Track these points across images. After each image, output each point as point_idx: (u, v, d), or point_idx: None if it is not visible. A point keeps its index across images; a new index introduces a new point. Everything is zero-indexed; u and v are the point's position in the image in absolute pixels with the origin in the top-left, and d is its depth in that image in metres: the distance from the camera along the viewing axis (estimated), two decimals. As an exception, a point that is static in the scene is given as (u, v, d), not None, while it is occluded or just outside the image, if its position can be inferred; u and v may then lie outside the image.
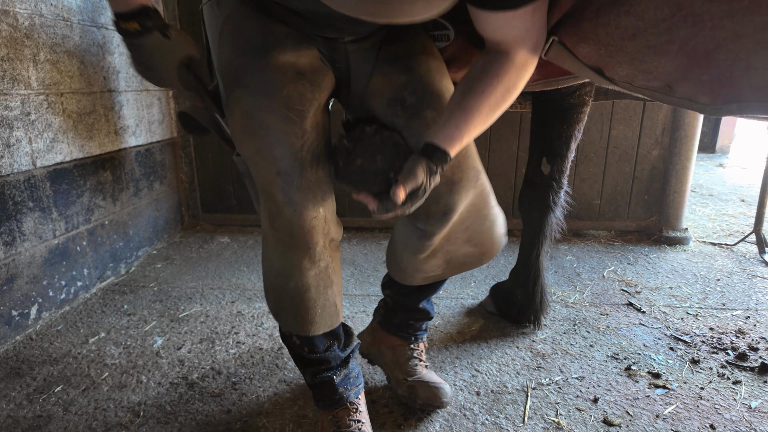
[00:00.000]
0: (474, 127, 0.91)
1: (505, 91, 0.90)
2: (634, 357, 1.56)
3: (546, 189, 1.58)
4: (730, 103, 0.68)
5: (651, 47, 0.72)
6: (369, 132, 0.94)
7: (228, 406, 1.35)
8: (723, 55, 0.64)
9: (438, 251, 1.11)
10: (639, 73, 0.79)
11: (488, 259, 1.17)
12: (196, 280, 2.18)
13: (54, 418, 1.31)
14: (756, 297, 1.98)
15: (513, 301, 1.73)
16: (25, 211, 1.71)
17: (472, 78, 0.91)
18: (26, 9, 1.69)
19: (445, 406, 1.28)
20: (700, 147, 4.91)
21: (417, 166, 0.88)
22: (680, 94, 0.75)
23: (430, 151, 0.89)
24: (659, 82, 0.77)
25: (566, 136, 1.53)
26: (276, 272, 1.03)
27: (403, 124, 1.00)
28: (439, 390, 1.27)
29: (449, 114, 0.91)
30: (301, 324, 1.06)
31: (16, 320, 1.69)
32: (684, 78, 0.72)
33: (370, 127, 0.95)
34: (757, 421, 1.27)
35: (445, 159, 0.90)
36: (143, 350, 1.63)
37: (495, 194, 1.13)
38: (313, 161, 0.95)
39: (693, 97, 0.73)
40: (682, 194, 2.60)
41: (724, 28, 0.62)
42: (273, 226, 0.96)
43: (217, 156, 2.83)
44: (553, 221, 1.62)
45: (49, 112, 1.81)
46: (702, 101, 0.72)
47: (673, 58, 0.70)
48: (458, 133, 0.90)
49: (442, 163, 0.90)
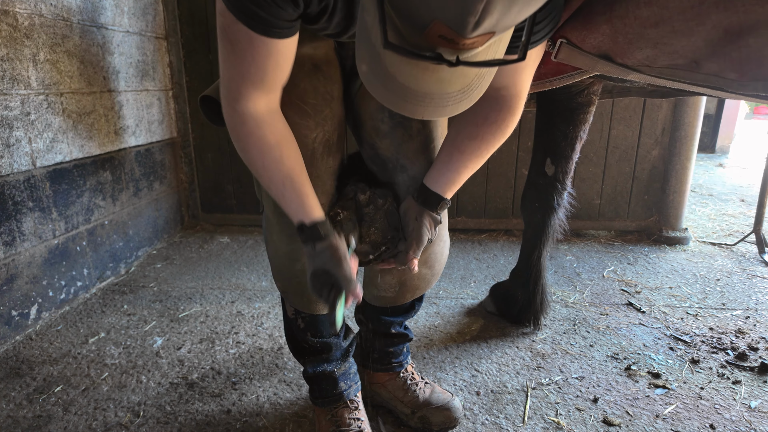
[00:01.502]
0: (470, 170, 0.98)
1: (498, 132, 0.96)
2: (634, 357, 1.56)
3: (549, 190, 1.56)
4: (756, 81, 0.71)
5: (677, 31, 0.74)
6: (363, 201, 1.00)
7: (228, 406, 1.35)
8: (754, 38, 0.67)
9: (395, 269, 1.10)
10: (663, 54, 0.80)
11: (435, 280, 1.18)
12: (196, 280, 2.18)
13: (54, 418, 1.31)
14: (756, 297, 1.98)
15: (513, 301, 1.73)
16: (24, 211, 1.71)
17: (466, 121, 0.95)
18: (26, 9, 1.69)
19: (459, 422, 1.25)
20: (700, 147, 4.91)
21: (422, 227, 0.97)
22: (707, 70, 0.77)
23: (434, 201, 0.97)
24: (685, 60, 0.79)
25: (572, 137, 1.51)
26: (282, 256, 1.04)
27: (387, 131, 1.03)
28: (450, 410, 1.24)
29: (446, 158, 0.97)
30: (307, 303, 1.08)
31: (16, 320, 1.69)
32: (713, 54, 0.74)
33: (364, 194, 1.00)
34: (757, 421, 1.27)
35: (446, 205, 0.99)
36: (143, 350, 1.62)
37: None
38: (324, 152, 0.97)
39: (720, 73, 0.75)
40: (682, 194, 2.60)
41: (756, 12, 0.64)
42: (278, 211, 0.98)
43: (217, 156, 2.83)
44: (556, 222, 1.61)
45: (49, 112, 1.81)
46: (729, 77, 0.74)
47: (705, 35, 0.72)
48: (457, 177, 0.98)
49: (443, 209, 0.99)
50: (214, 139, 2.79)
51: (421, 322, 1.79)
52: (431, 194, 0.98)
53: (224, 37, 0.78)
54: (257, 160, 0.87)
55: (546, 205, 1.58)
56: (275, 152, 0.86)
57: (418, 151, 1.04)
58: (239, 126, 0.85)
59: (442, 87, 0.61)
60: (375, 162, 1.08)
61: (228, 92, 0.83)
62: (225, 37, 0.78)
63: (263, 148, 0.86)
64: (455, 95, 0.63)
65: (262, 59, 0.79)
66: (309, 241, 0.90)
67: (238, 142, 0.87)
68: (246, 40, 0.76)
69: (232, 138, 0.87)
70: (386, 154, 1.05)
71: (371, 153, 1.07)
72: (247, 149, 0.87)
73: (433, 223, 0.98)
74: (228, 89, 0.82)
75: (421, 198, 0.99)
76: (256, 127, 0.85)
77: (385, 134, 1.03)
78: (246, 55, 0.78)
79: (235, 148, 0.89)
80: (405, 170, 1.05)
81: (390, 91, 0.64)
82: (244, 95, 0.81)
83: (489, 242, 2.65)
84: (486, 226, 2.80)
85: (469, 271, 2.27)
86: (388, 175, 1.07)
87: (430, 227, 0.98)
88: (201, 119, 2.73)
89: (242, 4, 0.72)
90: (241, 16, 0.73)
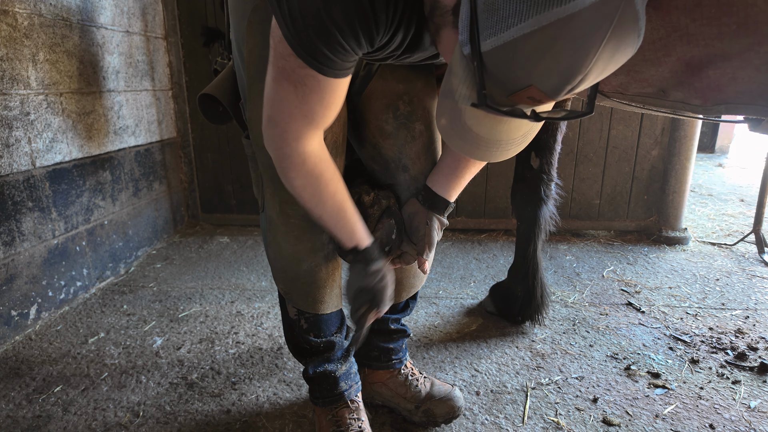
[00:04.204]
0: (472, 173, 1.04)
1: None
2: (634, 357, 1.56)
3: (537, 182, 1.61)
4: (719, 105, 0.80)
5: (648, 60, 0.82)
6: (367, 202, 1.03)
7: (227, 406, 1.35)
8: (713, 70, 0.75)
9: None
10: (634, 82, 0.88)
11: (425, 277, 1.22)
12: (196, 280, 2.18)
13: (53, 418, 1.31)
14: (755, 297, 1.98)
15: (513, 299, 1.73)
16: (24, 211, 1.71)
17: None
18: (25, 9, 1.69)
19: (462, 411, 1.27)
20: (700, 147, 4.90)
21: (433, 230, 1.02)
22: (673, 98, 0.86)
23: (442, 205, 1.03)
24: (653, 89, 0.87)
25: (552, 129, 1.57)
26: (287, 257, 1.04)
27: (391, 131, 1.04)
28: (453, 401, 1.25)
29: (451, 163, 1.01)
30: (312, 303, 1.08)
31: (16, 320, 1.69)
32: (678, 83, 0.82)
33: (368, 196, 1.03)
34: (757, 421, 1.28)
35: (452, 208, 1.05)
36: (143, 350, 1.62)
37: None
38: (333, 153, 0.97)
39: (686, 100, 0.84)
40: (682, 194, 2.60)
41: (715, 47, 0.72)
42: (284, 212, 0.98)
43: (216, 156, 2.83)
44: (547, 214, 1.65)
45: (49, 112, 1.81)
46: (695, 103, 0.83)
47: (671, 66, 0.80)
48: (460, 182, 1.03)
49: (449, 212, 1.05)
50: (213, 139, 2.79)
51: (420, 322, 1.79)
52: (438, 198, 1.02)
53: (285, 79, 0.76)
54: (315, 196, 0.88)
55: (535, 197, 1.63)
56: (331, 187, 0.89)
57: (421, 152, 1.06)
58: (299, 166, 0.84)
59: (510, 134, 0.70)
60: (377, 162, 1.08)
61: (286, 133, 0.81)
62: (287, 79, 0.76)
63: (320, 184, 0.87)
64: (518, 139, 0.72)
65: (327, 99, 0.79)
66: (361, 261, 0.96)
67: (296, 180, 0.86)
68: (313, 83, 0.76)
69: (288, 177, 0.86)
70: (389, 154, 1.06)
71: (374, 152, 1.07)
72: (305, 187, 0.87)
73: (441, 226, 1.04)
74: (286, 130, 0.81)
75: (428, 202, 1.03)
76: (315, 165, 0.85)
77: (389, 134, 1.04)
78: (311, 97, 0.77)
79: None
80: (407, 170, 1.06)
81: (465, 141, 0.70)
82: (305, 135, 0.81)
83: (489, 242, 2.65)
84: (486, 226, 2.81)
85: (468, 271, 2.27)
86: (390, 175, 1.08)
87: (439, 229, 1.04)
88: (201, 119, 2.73)
89: (315, 51, 0.71)
90: (312, 62, 0.72)
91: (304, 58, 0.72)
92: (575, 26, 0.50)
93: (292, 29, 0.70)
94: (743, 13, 0.67)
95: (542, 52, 0.53)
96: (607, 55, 0.52)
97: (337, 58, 0.73)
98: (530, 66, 0.54)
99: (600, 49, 0.51)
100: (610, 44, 0.51)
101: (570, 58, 0.52)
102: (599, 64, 0.53)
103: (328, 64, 0.73)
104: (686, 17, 0.72)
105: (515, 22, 0.53)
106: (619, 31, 0.51)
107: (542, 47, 0.52)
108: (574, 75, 0.53)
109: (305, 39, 0.70)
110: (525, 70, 0.55)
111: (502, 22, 0.54)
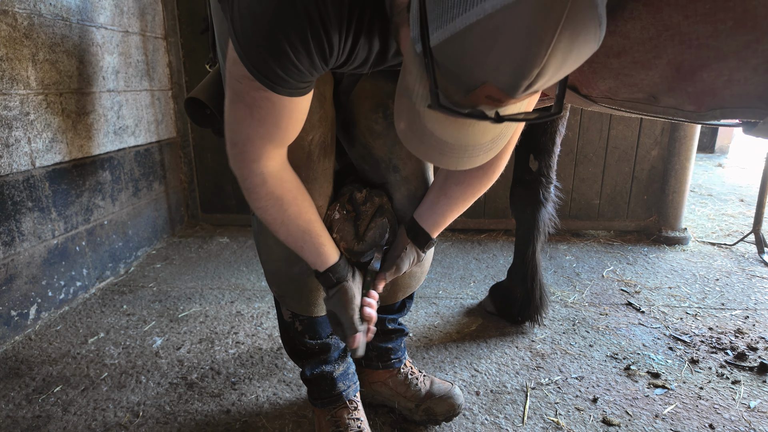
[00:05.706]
0: (456, 213, 1.03)
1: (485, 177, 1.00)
2: (634, 357, 1.56)
3: (536, 185, 1.61)
4: (714, 110, 0.74)
5: (637, 63, 0.77)
6: (359, 199, 1.02)
7: (227, 407, 1.35)
8: (707, 73, 0.70)
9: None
10: (623, 86, 0.83)
11: (423, 278, 1.22)
12: (196, 280, 2.18)
13: (53, 418, 1.31)
14: (755, 297, 1.98)
15: (512, 299, 1.73)
16: (24, 211, 1.71)
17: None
18: (25, 9, 1.69)
19: (462, 408, 1.27)
20: (699, 147, 4.91)
21: (406, 258, 1.00)
22: (665, 104, 0.80)
23: (423, 240, 1.01)
24: (644, 94, 0.82)
25: (551, 132, 1.57)
26: (279, 260, 1.04)
27: (381, 131, 1.03)
28: (453, 398, 1.25)
29: (435, 200, 1.01)
30: (305, 306, 1.08)
31: (15, 320, 1.69)
32: (670, 89, 0.77)
33: (360, 193, 1.03)
34: (756, 421, 1.28)
35: (433, 244, 1.04)
36: (142, 350, 1.62)
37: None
38: (321, 153, 0.97)
39: (679, 106, 0.79)
40: (682, 194, 2.60)
41: (709, 47, 0.67)
42: None
43: (216, 156, 2.83)
44: (546, 216, 1.65)
45: (48, 111, 1.81)
46: (688, 109, 0.78)
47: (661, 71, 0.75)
48: (443, 220, 1.01)
49: (430, 248, 1.04)
50: (213, 139, 2.79)
51: (420, 322, 1.79)
52: (421, 232, 1.01)
53: (240, 101, 0.75)
54: (277, 218, 0.87)
55: (534, 200, 1.63)
56: (294, 208, 0.87)
57: (411, 153, 1.05)
58: (259, 187, 0.83)
59: (476, 139, 0.64)
60: (367, 161, 1.08)
61: (244, 154, 0.80)
62: (242, 101, 0.75)
63: (283, 205, 0.86)
64: (486, 145, 0.66)
65: (285, 119, 0.78)
66: (324, 285, 0.96)
67: (257, 201, 0.85)
68: (268, 104, 0.74)
69: (250, 198, 0.85)
70: (379, 154, 1.05)
71: (364, 152, 1.07)
72: (267, 208, 0.86)
73: (416, 259, 1.03)
74: (244, 152, 0.80)
75: (411, 233, 1.02)
76: (276, 186, 0.84)
77: (379, 134, 1.04)
78: (268, 119, 0.76)
79: None
80: (397, 170, 1.06)
81: (427, 146, 0.66)
82: (263, 155, 0.80)
83: (488, 242, 2.65)
84: (485, 226, 2.81)
85: (468, 271, 2.27)
86: (381, 175, 1.07)
87: (412, 262, 1.02)
88: (200, 119, 2.73)
89: (268, 69, 0.69)
90: (265, 81, 0.71)
91: (256, 77, 0.70)
92: (523, 12, 0.46)
93: (246, 47, 0.69)
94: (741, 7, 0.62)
95: (491, 42, 0.49)
96: (563, 45, 0.48)
97: (290, 77, 0.71)
98: (481, 59, 0.50)
99: (554, 39, 0.47)
100: (566, 33, 0.47)
101: (521, 48, 0.48)
102: (556, 56, 0.48)
103: (281, 83, 0.71)
104: (679, 14, 0.67)
105: (460, 12, 0.49)
106: (574, 18, 0.46)
107: (490, 37, 0.48)
108: (528, 68, 0.49)
109: (257, 57, 0.69)
110: (476, 64, 0.51)
111: (447, 12, 0.51)
